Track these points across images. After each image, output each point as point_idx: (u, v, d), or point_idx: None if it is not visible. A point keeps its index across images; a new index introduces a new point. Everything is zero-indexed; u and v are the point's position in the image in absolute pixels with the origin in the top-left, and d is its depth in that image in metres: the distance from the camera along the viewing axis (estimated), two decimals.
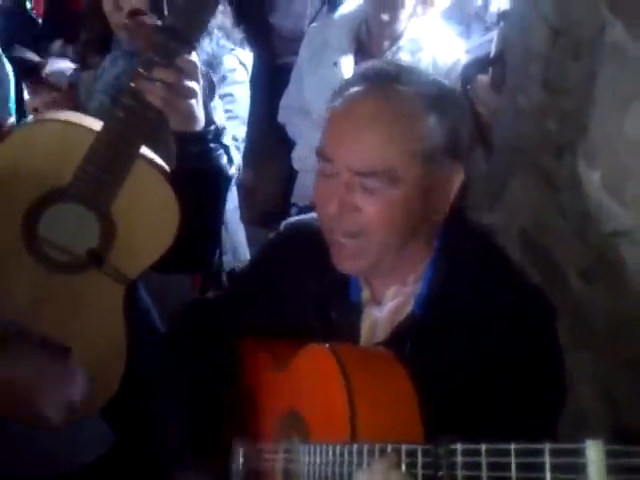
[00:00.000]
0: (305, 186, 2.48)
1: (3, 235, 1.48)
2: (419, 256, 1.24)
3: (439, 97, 1.17)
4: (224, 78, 1.79)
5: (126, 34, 1.80)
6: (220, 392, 1.32)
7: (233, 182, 1.82)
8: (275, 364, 1.29)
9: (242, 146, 1.78)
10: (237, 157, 1.68)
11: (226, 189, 1.67)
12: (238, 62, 1.85)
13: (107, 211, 1.44)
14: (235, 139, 1.69)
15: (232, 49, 1.85)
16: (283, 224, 1.40)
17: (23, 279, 1.49)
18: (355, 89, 1.18)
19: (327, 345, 1.15)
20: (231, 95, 1.79)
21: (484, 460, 0.75)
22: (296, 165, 2.62)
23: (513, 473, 0.71)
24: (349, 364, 1.10)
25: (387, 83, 1.16)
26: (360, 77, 1.20)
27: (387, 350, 1.17)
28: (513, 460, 0.71)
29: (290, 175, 2.77)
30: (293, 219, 1.41)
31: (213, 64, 1.77)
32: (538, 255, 1.88)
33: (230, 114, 1.75)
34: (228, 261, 1.90)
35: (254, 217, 2.72)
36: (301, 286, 1.31)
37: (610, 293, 1.59)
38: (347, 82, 1.22)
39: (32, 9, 3.17)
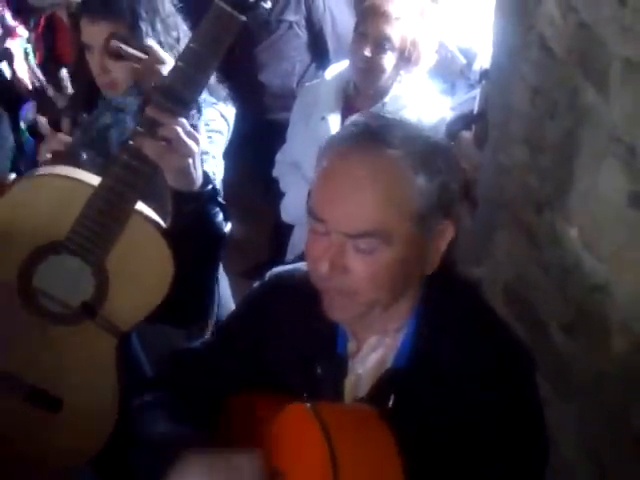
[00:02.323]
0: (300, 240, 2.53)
1: (0, 284, 1.51)
2: (404, 307, 1.24)
3: (427, 155, 1.16)
4: (205, 125, 1.85)
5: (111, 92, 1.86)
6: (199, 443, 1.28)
7: None
8: (259, 422, 1.28)
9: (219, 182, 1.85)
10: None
11: (220, 246, 1.71)
12: (219, 114, 1.91)
13: (102, 264, 1.47)
14: (213, 175, 1.75)
15: (214, 103, 1.91)
16: (268, 274, 1.41)
17: (17, 329, 1.52)
18: (342, 149, 1.17)
19: (309, 405, 1.14)
20: (209, 138, 1.85)
21: None
22: (284, 217, 2.68)
23: None
24: (332, 426, 1.10)
25: (373, 144, 1.15)
26: (347, 135, 1.19)
27: (370, 408, 1.17)
28: None
29: (278, 228, 2.82)
30: (278, 269, 1.41)
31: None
32: (522, 309, 1.92)
33: (208, 155, 1.81)
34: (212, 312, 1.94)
35: (241, 269, 2.76)
36: (286, 337, 1.32)
37: (592, 347, 1.63)
38: (333, 139, 1.21)
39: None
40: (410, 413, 1.18)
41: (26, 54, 3.11)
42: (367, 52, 2.34)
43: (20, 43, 3.14)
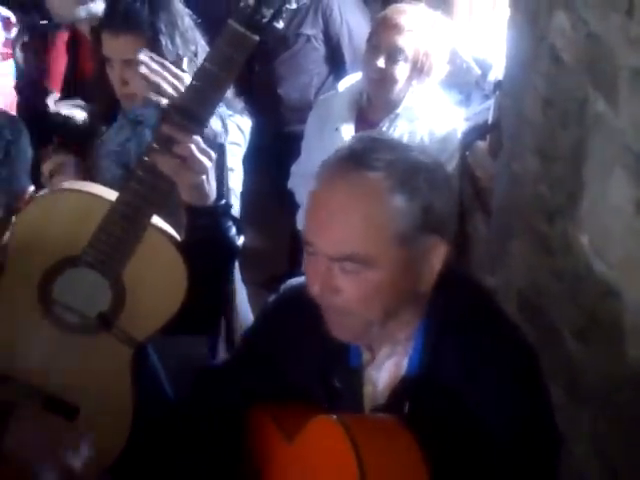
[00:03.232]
0: None
1: (20, 296, 1.55)
2: (408, 318, 1.26)
3: (407, 176, 1.17)
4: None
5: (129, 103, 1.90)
6: (227, 469, 1.34)
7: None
8: (284, 436, 1.30)
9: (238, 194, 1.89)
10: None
11: (234, 259, 1.74)
12: (236, 127, 1.93)
13: (119, 277, 1.51)
14: (228, 188, 1.77)
15: (230, 115, 1.93)
16: (282, 287, 1.44)
17: (36, 339, 1.55)
18: (327, 174, 1.21)
19: (335, 417, 1.16)
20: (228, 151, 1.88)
21: None
22: (300, 226, 2.71)
23: None
24: (359, 438, 1.11)
25: (355, 168, 1.17)
26: (333, 160, 1.22)
27: (394, 417, 1.19)
28: None
29: (295, 238, 2.85)
30: (293, 281, 1.43)
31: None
32: (535, 316, 1.93)
33: (230, 172, 1.84)
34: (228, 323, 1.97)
35: (259, 279, 2.79)
36: (303, 351, 1.34)
37: (604, 353, 1.64)
38: (323, 164, 1.24)
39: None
40: (423, 419, 1.19)
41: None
42: (380, 63, 2.36)
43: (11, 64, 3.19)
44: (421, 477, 1.10)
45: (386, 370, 1.29)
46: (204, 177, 1.47)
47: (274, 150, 3.02)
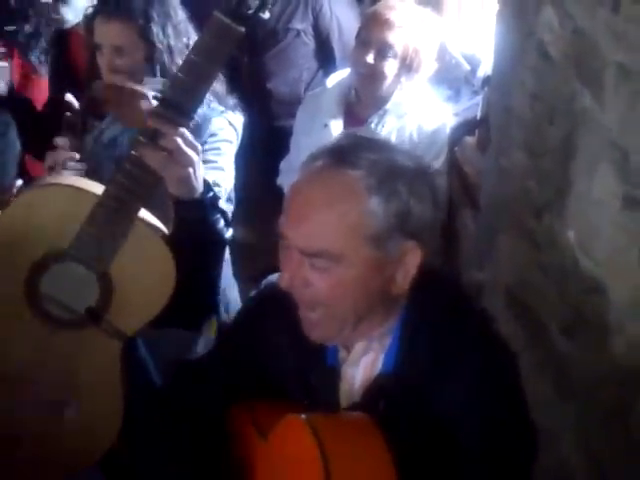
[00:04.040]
0: None
1: (7, 290, 1.56)
2: (380, 318, 1.26)
3: (387, 178, 1.17)
4: (213, 135, 1.88)
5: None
6: (206, 465, 1.33)
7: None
8: (259, 434, 1.32)
9: (231, 196, 1.89)
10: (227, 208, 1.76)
11: (222, 252, 1.74)
12: (227, 123, 1.94)
13: (106, 271, 1.51)
14: (217, 184, 1.78)
15: (222, 111, 1.94)
16: (263, 282, 1.45)
17: (24, 334, 1.56)
18: (309, 168, 1.22)
19: (304, 416, 1.17)
20: (218, 149, 1.88)
21: None
22: None
23: None
24: (326, 437, 1.12)
25: (336, 165, 1.18)
26: (317, 154, 1.23)
27: (366, 417, 1.20)
28: None
29: None
30: (272, 278, 1.43)
31: (202, 124, 1.85)
32: (522, 311, 1.94)
33: (215, 164, 1.84)
34: (221, 317, 1.97)
35: (249, 274, 2.79)
36: (281, 347, 1.35)
37: (590, 348, 1.65)
38: (308, 157, 1.25)
39: None
40: (398, 416, 1.20)
41: None
42: (369, 59, 2.36)
43: None
44: (389, 478, 1.11)
45: (362, 367, 1.30)
46: (191, 170, 1.47)
47: (263, 145, 3.01)
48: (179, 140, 1.44)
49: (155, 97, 1.54)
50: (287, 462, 1.21)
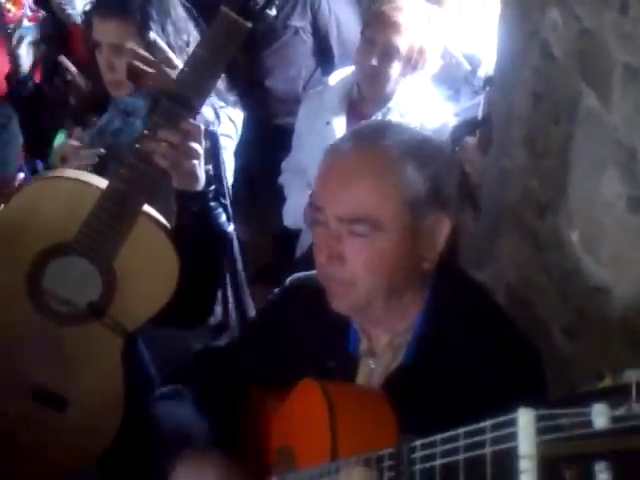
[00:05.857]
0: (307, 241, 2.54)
1: (8, 284, 1.54)
2: (410, 305, 1.28)
3: (419, 148, 1.23)
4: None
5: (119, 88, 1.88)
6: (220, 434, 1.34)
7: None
8: (272, 408, 1.34)
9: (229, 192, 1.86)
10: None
11: (224, 245, 1.74)
12: (227, 118, 1.94)
13: (109, 265, 1.50)
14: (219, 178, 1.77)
15: (222, 106, 1.93)
16: (289, 279, 1.46)
17: (25, 329, 1.54)
18: (339, 146, 1.27)
19: (317, 382, 1.19)
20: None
21: (439, 449, 0.78)
22: (286, 221, 2.71)
23: (461, 455, 0.74)
24: (337, 401, 1.14)
25: (367, 138, 1.24)
26: (350, 135, 1.29)
27: (378, 391, 1.21)
28: (462, 443, 0.74)
29: (281, 231, 2.84)
30: (299, 274, 1.46)
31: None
32: (524, 311, 1.94)
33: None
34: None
35: (246, 273, 2.78)
36: (302, 337, 1.36)
37: (592, 349, 1.65)
38: (339, 139, 1.31)
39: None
40: (416, 409, 1.19)
41: None
42: (374, 61, 2.36)
43: None
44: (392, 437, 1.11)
45: (383, 362, 1.30)
46: (196, 162, 1.47)
47: (261, 142, 3.00)
48: (185, 134, 1.43)
49: (161, 91, 1.53)
50: (299, 424, 1.23)
